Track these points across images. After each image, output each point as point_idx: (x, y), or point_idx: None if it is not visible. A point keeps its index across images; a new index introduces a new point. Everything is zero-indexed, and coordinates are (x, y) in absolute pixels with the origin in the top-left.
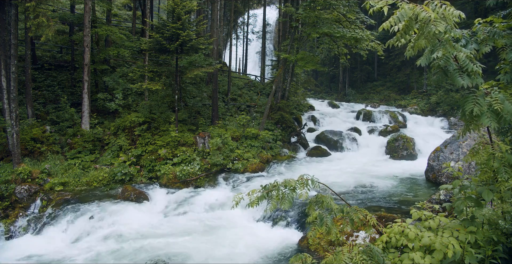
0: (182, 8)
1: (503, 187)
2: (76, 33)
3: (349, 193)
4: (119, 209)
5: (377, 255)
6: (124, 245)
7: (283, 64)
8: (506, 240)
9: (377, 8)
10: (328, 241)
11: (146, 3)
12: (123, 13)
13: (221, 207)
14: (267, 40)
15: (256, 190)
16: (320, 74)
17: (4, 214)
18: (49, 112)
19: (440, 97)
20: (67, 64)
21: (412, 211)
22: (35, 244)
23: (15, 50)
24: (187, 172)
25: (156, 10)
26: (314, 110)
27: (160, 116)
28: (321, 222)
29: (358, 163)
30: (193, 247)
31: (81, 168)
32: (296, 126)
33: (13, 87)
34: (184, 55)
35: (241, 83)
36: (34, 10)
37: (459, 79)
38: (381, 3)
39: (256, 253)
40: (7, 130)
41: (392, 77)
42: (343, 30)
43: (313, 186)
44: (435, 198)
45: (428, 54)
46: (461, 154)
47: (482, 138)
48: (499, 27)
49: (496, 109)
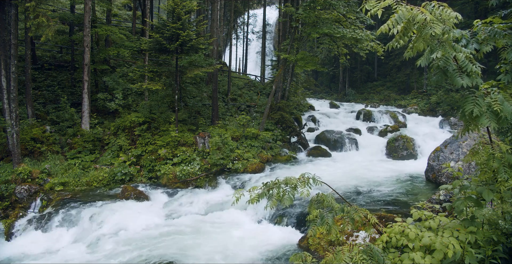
0: (182, 8)
1: (503, 187)
2: (76, 33)
3: (349, 193)
4: (119, 209)
5: (377, 254)
6: (124, 245)
7: (283, 64)
8: (506, 240)
9: (373, 12)
10: (328, 241)
11: (146, 3)
12: (123, 13)
13: (221, 207)
14: (267, 40)
15: (257, 187)
16: (320, 74)
17: (4, 214)
18: (49, 112)
19: (440, 97)
20: (67, 64)
21: (412, 211)
22: (35, 244)
23: (15, 50)
24: (187, 172)
25: (156, 10)
26: (314, 110)
27: (160, 116)
28: (322, 220)
29: (358, 162)
30: (193, 247)
31: (81, 168)
32: (296, 126)
33: (13, 87)
34: (184, 55)
35: (241, 83)
36: (34, 10)
37: (459, 79)
38: (378, 6)
39: (256, 253)
40: (7, 130)
41: (392, 77)
42: (343, 31)
43: (314, 184)
44: (435, 198)
45: (428, 55)
46: (461, 154)
47: (482, 138)
48: (499, 28)
49: (495, 110)
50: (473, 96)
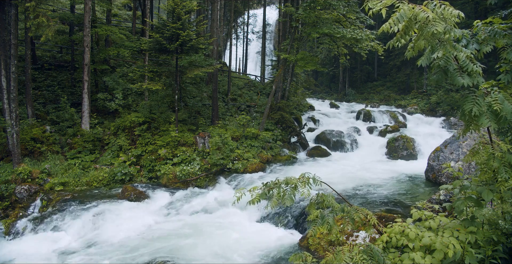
0: (182, 8)
1: (503, 187)
2: (76, 33)
3: (349, 193)
4: (119, 209)
5: (378, 254)
6: (124, 245)
7: (283, 64)
8: (506, 240)
9: (376, 10)
10: (328, 241)
11: (146, 3)
12: (123, 13)
13: (221, 207)
14: (267, 40)
15: (257, 187)
16: (320, 74)
17: (4, 214)
18: (49, 112)
19: (440, 97)
20: (67, 64)
21: (412, 211)
22: (35, 244)
23: (15, 50)
24: (187, 172)
25: (156, 10)
26: (314, 110)
27: (160, 116)
28: (323, 220)
29: (358, 163)
30: (193, 247)
31: (81, 168)
32: (296, 126)
33: (13, 87)
34: (184, 55)
35: (241, 83)
36: (34, 10)
37: (459, 78)
38: (380, 5)
39: (256, 253)
40: (7, 131)
41: (392, 77)
42: (343, 31)
43: (314, 184)
44: (435, 198)
45: (429, 54)
46: (461, 154)
47: (482, 137)
48: (499, 28)
49: (495, 109)
50: (473, 95)
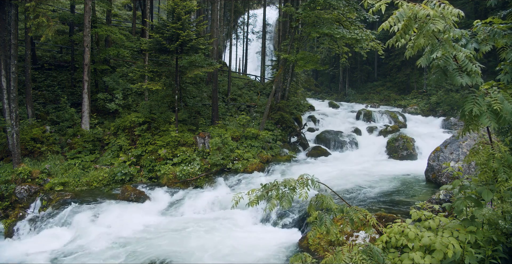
0: (182, 8)
1: (503, 187)
2: (76, 33)
3: (349, 193)
4: (119, 209)
5: (377, 254)
6: (123, 245)
7: (283, 64)
8: (506, 240)
9: (376, 8)
10: (328, 241)
11: (146, 3)
12: (123, 13)
13: (221, 207)
14: (267, 40)
15: (255, 189)
16: (320, 74)
17: (4, 214)
18: (49, 112)
19: (440, 97)
20: (67, 64)
21: (412, 211)
22: (35, 244)
23: (15, 50)
24: (187, 172)
25: (156, 10)
26: (314, 110)
27: (160, 116)
28: (321, 222)
29: (358, 163)
30: (193, 247)
31: (81, 168)
32: (296, 126)
33: (13, 87)
34: (184, 55)
35: (241, 83)
36: (34, 10)
37: (458, 78)
38: (380, 2)
39: (256, 253)
40: (7, 131)
41: (392, 77)
42: (343, 31)
43: (313, 186)
44: (435, 198)
45: (428, 54)
46: (461, 154)
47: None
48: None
49: (495, 109)
50: (473, 95)
